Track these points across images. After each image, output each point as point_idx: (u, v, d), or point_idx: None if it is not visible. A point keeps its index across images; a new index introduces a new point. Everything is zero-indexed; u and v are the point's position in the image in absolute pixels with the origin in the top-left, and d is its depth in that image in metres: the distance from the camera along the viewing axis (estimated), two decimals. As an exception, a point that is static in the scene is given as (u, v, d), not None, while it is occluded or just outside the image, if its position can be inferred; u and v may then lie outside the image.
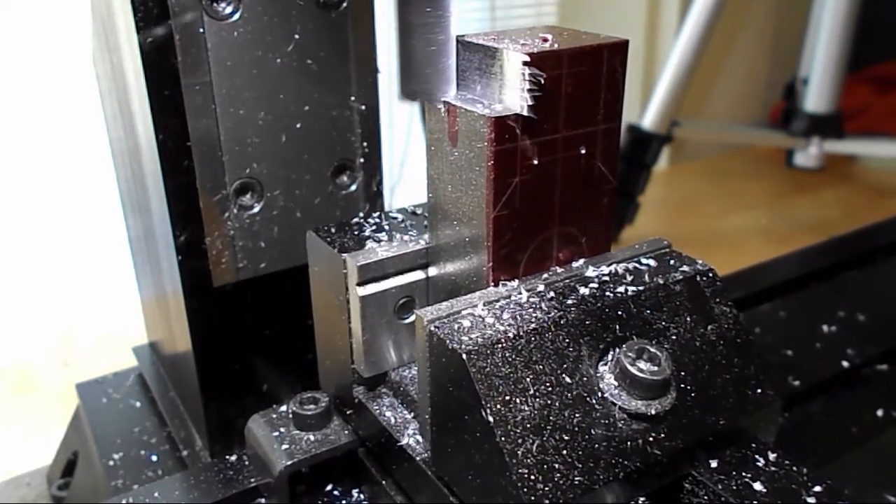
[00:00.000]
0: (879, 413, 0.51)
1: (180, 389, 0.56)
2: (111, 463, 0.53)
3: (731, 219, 1.83)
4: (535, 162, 0.31)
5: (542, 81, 0.30)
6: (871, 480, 0.45)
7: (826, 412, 0.51)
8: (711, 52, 1.74)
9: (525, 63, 0.29)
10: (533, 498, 0.27)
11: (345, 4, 0.44)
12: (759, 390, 0.33)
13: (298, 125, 0.45)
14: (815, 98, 1.70)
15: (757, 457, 0.31)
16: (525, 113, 0.30)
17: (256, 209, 0.45)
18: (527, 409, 0.28)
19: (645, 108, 1.53)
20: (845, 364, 0.55)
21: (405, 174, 1.48)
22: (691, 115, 1.94)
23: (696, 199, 1.98)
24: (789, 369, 0.54)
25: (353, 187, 0.48)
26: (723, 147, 2.26)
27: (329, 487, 0.41)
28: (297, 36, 0.43)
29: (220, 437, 0.50)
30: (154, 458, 0.53)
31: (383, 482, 0.38)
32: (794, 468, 0.31)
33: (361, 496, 0.41)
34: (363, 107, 0.47)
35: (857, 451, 0.48)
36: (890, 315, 0.61)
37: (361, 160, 0.48)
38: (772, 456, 0.31)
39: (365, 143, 0.48)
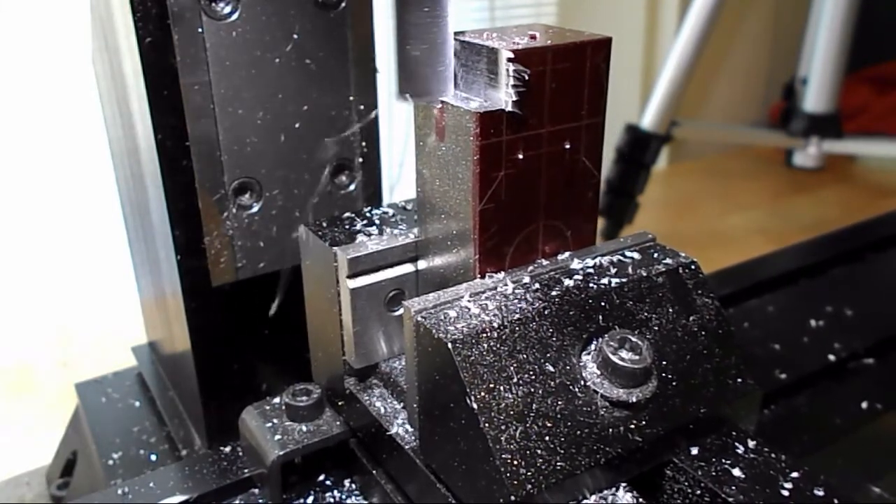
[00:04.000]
0: (864, 405, 0.52)
1: (179, 389, 0.56)
2: (110, 462, 0.53)
3: (730, 219, 1.84)
4: (521, 156, 0.32)
5: (527, 77, 0.30)
6: (855, 471, 0.46)
7: (812, 404, 0.52)
8: (711, 52, 1.75)
9: (509, 59, 0.30)
10: (516, 482, 0.28)
11: (343, 4, 0.44)
12: (739, 380, 0.33)
13: (297, 125, 0.45)
14: (815, 98, 1.70)
15: (736, 444, 0.32)
16: (510, 108, 0.31)
17: (255, 209, 0.45)
18: (510, 396, 0.29)
19: (644, 108, 1.54)
20: (832, 357, 0.56)
21: (404, 174, 1.48)
22: (691, 115, 1.95)
23: (696, 198, 1.99)
24: (776, 362, 0.55)
25: (352, 187, 0.48)
26: (722, 147, 2.27)
27: (321, 477, 0.42)
28: (295, 36, 0.43)
29: (218, 437, 0.49)
30: (153, 457, 0.53)
31: (374, 472, 0.38)
32: (773, 455, 0.31)
33: (353, 486, 0.41)
34: (362, 106, 0.47)
35: (842, 442, 0.48)
36: (876, 310, 0.62)
37: (360, 160, 0.48)
38: (751, 443, 0.32)
39: (364, 143, 0.48)
